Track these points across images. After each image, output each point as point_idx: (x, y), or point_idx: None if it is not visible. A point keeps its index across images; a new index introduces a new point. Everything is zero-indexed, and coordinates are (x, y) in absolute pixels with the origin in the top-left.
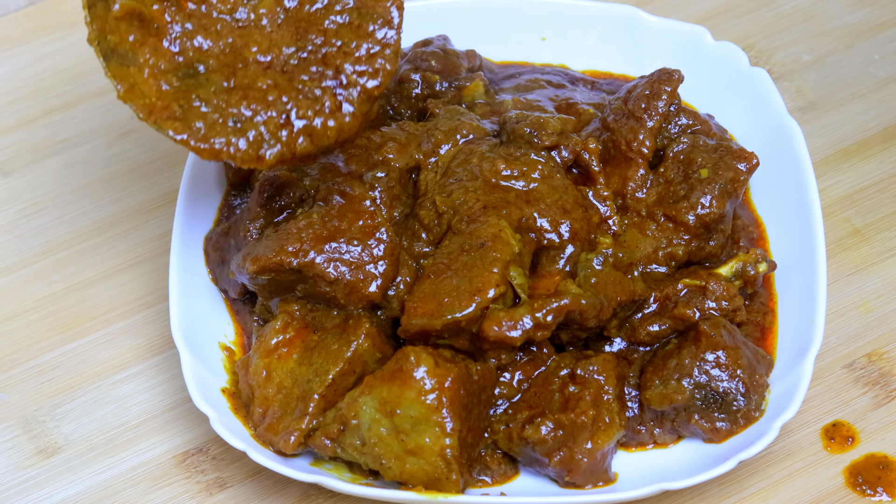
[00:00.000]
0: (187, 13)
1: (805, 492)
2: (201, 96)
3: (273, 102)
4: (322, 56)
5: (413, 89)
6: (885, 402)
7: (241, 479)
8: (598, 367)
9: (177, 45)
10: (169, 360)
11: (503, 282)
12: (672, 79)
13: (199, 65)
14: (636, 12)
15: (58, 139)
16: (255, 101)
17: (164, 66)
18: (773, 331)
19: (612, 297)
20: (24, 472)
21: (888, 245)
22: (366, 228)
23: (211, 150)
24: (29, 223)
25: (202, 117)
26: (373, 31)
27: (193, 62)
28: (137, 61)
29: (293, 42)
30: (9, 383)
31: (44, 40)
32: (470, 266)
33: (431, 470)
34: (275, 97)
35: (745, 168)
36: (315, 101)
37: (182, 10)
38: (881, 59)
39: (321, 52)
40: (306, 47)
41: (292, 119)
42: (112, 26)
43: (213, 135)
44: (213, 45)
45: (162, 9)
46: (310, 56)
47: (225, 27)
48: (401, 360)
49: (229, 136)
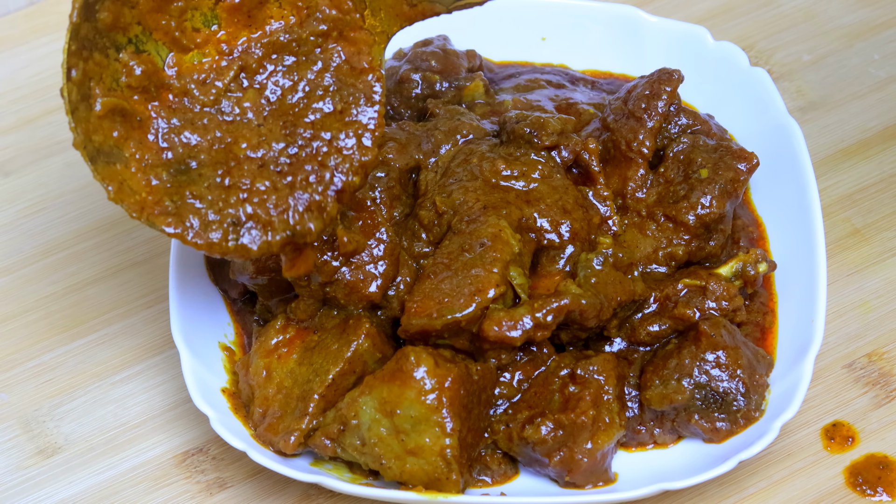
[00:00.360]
0: (171, 107)
1: (805, 492)
2: (195, 193)
3: (267, 201)
4: (314, 152)
5: (413, 89)
6: (885, 402)
7: (241, 479)
8: (598, 367)
9: (164, 140)
10: (169, 360)
11: (503, 282)
12: (672, 79)
13: (191, 161)
14: (636, 12)
15: (58, 139)
16: (251, 203)
17: (152, 159)
18: (773, 331)
19: (613, 297)
20: (24, 472)
21: (888, 245)
22: (366, 228)
23: (208, 244)
24: (29, 223)
25: (197, 213)
26: (356, 116)
27: (184, 158)
28: (123, 157)
29: (282, 137)
30: (9, 383)
31: (44, 40)
32: (470, 266)
33: (431, 470)
34: (270, 197)
35: (745, 168)
36: (310, 202)
37: (164, 103)
38: (881, 59)
39: (312, 147)
40: (296, 142)
41: (289, 219)
42: (95, 126)
43: (209, 230)
44: (202, 139)
45: (143, 101)
46: (300, 152)
47: (212, 121)
48: (401, 361)
49: (227, 232)
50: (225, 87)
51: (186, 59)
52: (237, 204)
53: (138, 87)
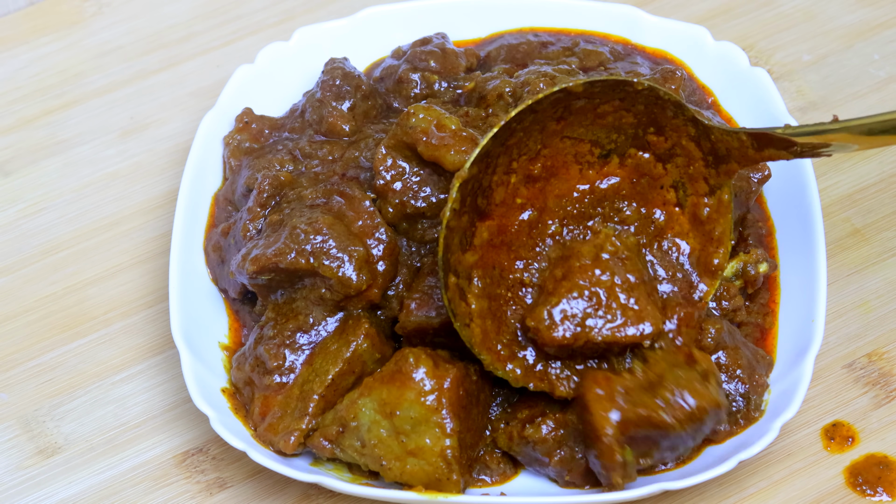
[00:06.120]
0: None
1: (805, 492)
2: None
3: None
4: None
5: (412, 89)
6: (885, 402)
7: (241, 479)
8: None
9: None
10: (169, 360)
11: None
12: (675, 76)
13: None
14: (636, 12)
15: (57, 139)
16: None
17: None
18: (773, 331)
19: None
20: (24, 472)
21: (888, 245)
22: (365, 228)
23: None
24: (29, 223)
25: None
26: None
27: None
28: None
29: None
30: (9, 383)
31: (44, 40)
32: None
33: (432, 470)
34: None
35: (757, 179)
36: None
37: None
38: (881, 59)
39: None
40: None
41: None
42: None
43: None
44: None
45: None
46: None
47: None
48: (400, 362)
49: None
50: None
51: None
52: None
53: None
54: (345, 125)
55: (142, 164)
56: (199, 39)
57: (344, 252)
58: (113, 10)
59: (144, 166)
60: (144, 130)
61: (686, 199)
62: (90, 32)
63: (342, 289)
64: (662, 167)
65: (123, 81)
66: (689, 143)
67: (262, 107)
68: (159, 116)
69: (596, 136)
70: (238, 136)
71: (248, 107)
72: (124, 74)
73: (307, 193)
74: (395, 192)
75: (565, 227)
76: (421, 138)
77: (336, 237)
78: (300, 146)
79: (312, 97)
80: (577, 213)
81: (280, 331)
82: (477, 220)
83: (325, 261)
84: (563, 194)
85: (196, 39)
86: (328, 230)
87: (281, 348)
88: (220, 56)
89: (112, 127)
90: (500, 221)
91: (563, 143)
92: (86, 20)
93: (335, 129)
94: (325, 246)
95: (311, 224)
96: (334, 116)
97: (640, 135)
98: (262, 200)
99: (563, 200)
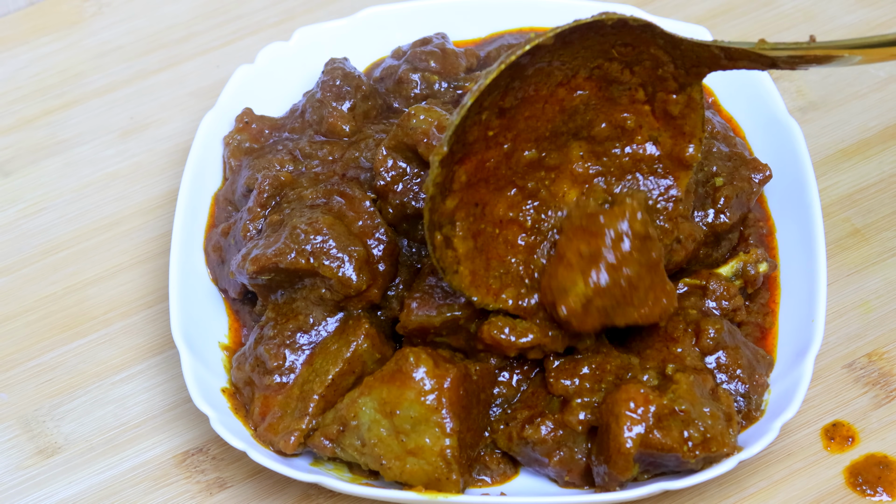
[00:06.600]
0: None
1: (805, 492)
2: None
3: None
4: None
5: (412, 89)
6: (885, 402)
7: (241, 479)
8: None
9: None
10: (169, 360)
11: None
12: None
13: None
14: (636, 12)
15: (57, 139)
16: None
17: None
18: (773, 331)
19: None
20: (24, 472)
21: (888, 245)
22: (365, 229)
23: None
24: (29, 223)
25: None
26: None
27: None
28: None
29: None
30: (9, 383)
31: (44, 40)
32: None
33: (432, 470)
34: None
35: (758, 179)
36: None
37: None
38: None
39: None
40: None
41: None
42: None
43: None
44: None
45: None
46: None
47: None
48: (400, 361)
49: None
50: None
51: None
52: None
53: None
54: (345, 125)
55: (142, 164)
56: (198, 39)
57: (344, 252)
58: (113, 10)
59: (144, 166)
60: (144, 130)
61: (655, 96)
62: (90, 32)
63: (342, 289)
64: (630, 71)
65: (123, 81)
66: (657, 50)
67: (262, 107)
68: (159, 116)
69: (563, 59)
70: (238, 136)
71: (248, 107)
72: (124, 74)
73: (307, 193)
74: (395, 192)
75: (541, 151)
76: (422, 139)
77: (336, 237)
78: (300, 146)
79: (312, 97)
80: (549, 133)
81: (280, 331)
82: (454, 166)
83: (325, 261)
84: (534, 114)
85: (196, 39)
86: (328, 230)
87: (281, 348)
88: (220, 56)
89: (112, 127)
90: (477, 159)
91: (533, 74)
92: (86, 20)
93: (335, 129)
94: (325, 246)
95: (312, 224)
96: (334, 117)
97: (607, 48)
98: (262, 200)
99: (536, 121)
